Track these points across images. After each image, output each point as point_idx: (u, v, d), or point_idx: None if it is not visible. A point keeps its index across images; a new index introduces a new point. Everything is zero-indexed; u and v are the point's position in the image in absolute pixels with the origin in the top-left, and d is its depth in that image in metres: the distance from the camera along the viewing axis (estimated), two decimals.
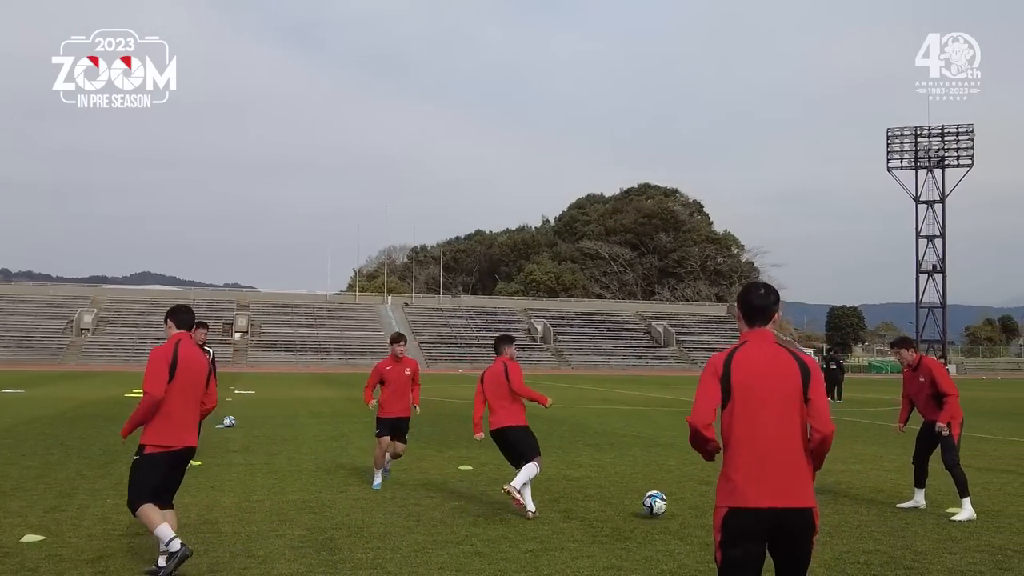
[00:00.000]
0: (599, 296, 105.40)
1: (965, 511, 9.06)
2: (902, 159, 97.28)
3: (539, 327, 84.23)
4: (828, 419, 4.12)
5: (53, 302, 79.78)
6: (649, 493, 9.03)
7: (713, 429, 4.12)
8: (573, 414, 22.93)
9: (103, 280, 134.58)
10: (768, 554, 4.15)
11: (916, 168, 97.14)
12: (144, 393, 6.42)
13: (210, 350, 12.61)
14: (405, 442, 11.14)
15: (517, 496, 8.54)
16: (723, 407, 4.10)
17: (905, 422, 10.55)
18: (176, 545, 6.20)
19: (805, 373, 4.10)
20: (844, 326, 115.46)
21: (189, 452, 6.70)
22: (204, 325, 12.53)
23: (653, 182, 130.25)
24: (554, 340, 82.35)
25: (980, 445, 16.50)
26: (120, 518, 8.44)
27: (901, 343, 10.33)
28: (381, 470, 10.77)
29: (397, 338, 11.21)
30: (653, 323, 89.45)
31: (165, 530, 6.27)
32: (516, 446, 8.95)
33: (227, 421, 18.17)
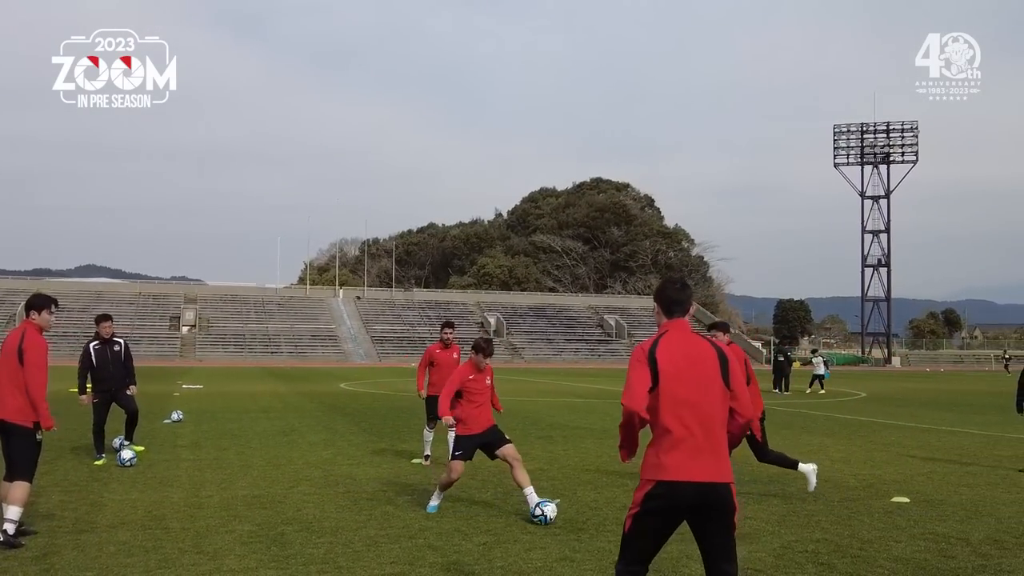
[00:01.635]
0: (552, 290, 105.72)
1: (809, 474, 9.73)
2: (848, 155, 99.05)
3: (492, 320, 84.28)
4: (750, 405, 4.51)
5: None
6: (537, 503, 8.24)
7: (646, 415, 4.29)
8: (525, 407, 22.99)
9: (47, 273, 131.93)
10: (696, 538, 4.41)
11: (862, 164, 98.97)
12: None
13: (121, 341, 12.42)
14: (510, 441, 9.08)
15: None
16: (651, 391, 4.31)
17: None
18: None
19: (723, 360, 4.39)
20: (791, 319, 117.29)
21: None
22: (108, 317, 12.45)
23: (605, 176, 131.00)
24: (507, 333, 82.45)
25: (924, 436, 16.87)
26: (65, 515, 8.27)
27: (717, 327, 10.00)
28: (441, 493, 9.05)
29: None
30: (605, 316, 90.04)
31: None
32: None
33: (175, 416, 17.90)
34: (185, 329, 76.38)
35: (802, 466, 9.83)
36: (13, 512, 7.16)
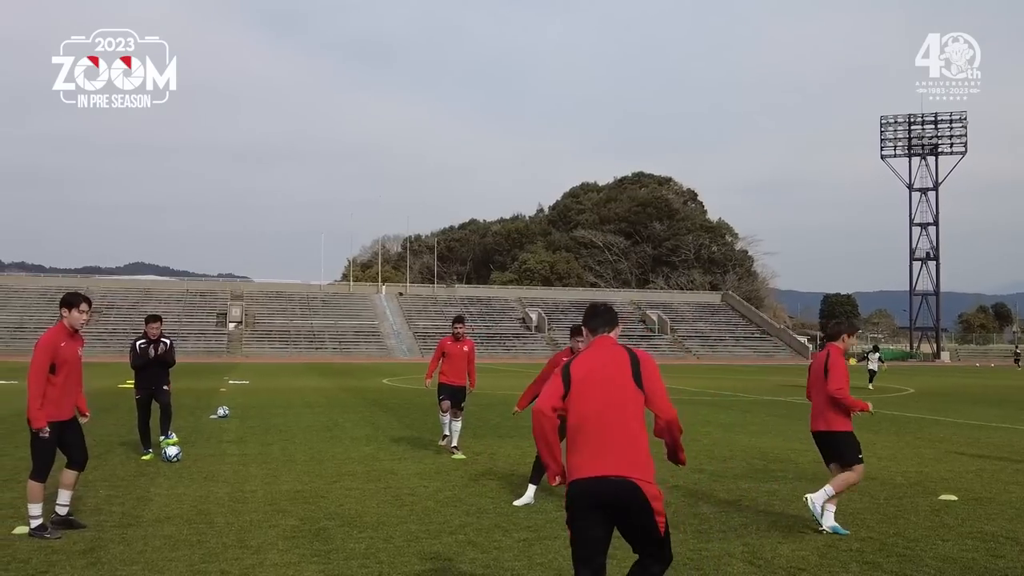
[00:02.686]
0: (593, 285, 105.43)
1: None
2: (896, 147, 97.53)
3: (533, 316, 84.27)
4: (668, 405, 4.65)
5: (47, 293, 79.47)
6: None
7: (555, 416, 4.56)
8: None
9: (96, 271, 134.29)
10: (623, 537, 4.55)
11: (910, 156, 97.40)
12: None
13: (167, 340, 12.61)
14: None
15: None
16: (564, 398, 4.58)
17: None
18: None
19: (635, 364, 4.62)
20: (838, 314, 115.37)
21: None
22: (157, 319, 12.64)
23: (647, 171, 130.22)
24: (548, 329, 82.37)
25: (973, 432, 16.56)
26: (112, 509, 8.42)
27: (577, 330, 10.00)
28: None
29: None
30: (648, 311, 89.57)
31: None
32: None
33: (221, 411, 18.14)
34: (232, 325, 77.38)
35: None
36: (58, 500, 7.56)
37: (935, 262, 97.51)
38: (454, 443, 12.74)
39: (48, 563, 6.47)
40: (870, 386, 32.79)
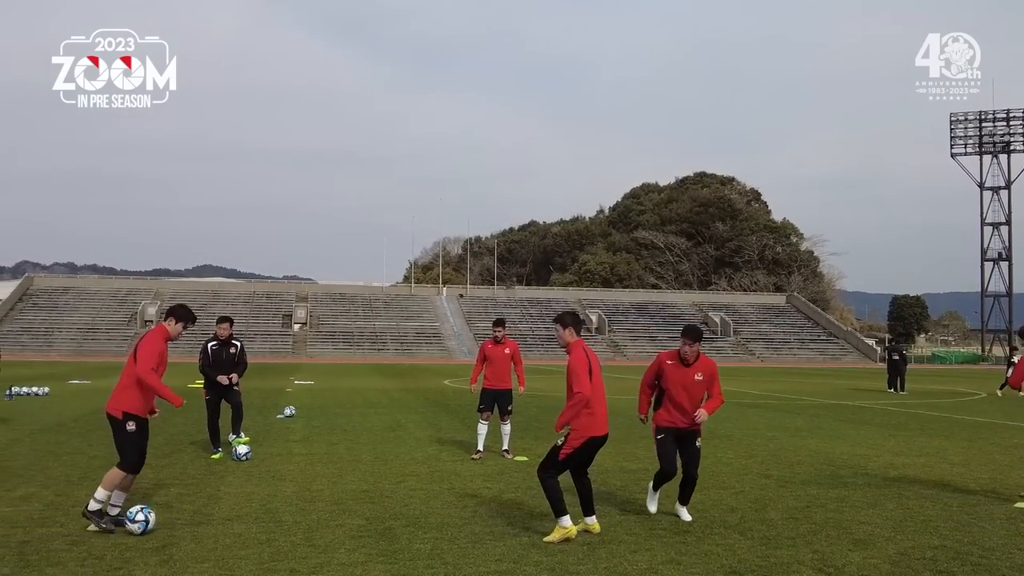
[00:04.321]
0: (654, 286, 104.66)
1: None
2: (966, 144, 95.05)
3: (594, 318, 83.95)
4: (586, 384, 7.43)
5: (118, 295, 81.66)
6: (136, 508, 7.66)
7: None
8: (630, 406, 22.80)
9: (165, 273, 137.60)
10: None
11: (981, 154, 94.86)
12: None
13: (238, 343, 12.83)
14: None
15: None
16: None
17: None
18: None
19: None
20: (907, 316, 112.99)
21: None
22: (228, 320, 12.88)
23: (709, 170, 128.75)
24: (609, 331, 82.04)
25: None
26: (183, 507, 8.60)
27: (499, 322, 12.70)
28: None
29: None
30: (710, 313, 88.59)
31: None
32: None
33: (287, 411, 18.43)
34: (297, 327, 78.52)
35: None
36: (100, 493, 7.69)
37: (1007, 262, 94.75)
38: (505, 446, 12.73)
39: (122, 560, 6.63)
40: (999, 392, 30.44)
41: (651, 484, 8.75)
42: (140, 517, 7.43)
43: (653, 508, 8.63)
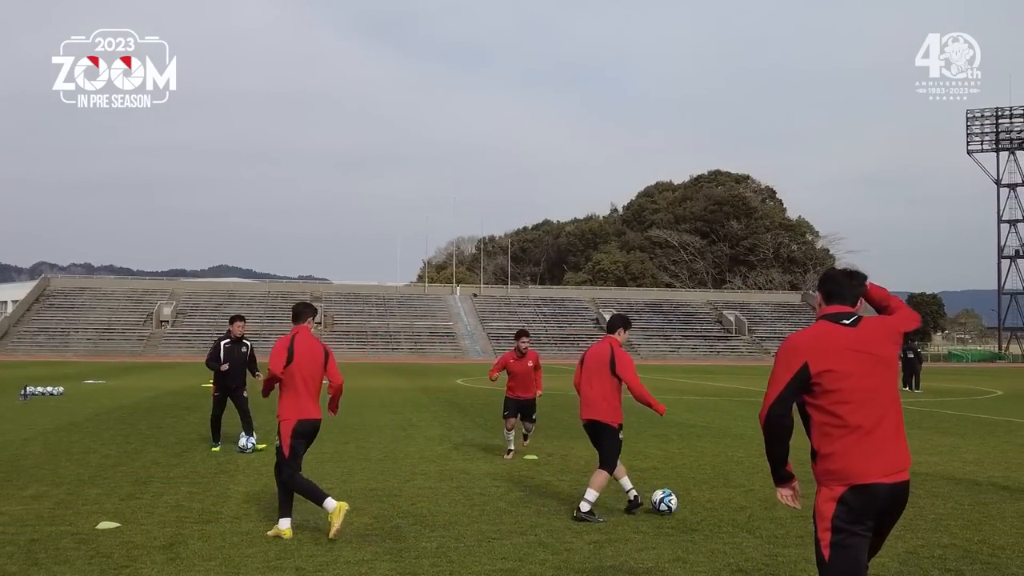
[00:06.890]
0: (668, 285, 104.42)
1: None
2: (982, 141, 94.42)
3: (607, 317, 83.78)
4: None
5: (134, 295, 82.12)
6: (660, 493, 8.61)
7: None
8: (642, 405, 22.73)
9: (181, 273, 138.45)
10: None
11: (997, 150, 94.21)
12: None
13: (248, 343, 12.97)
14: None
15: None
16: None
17: None
18: None
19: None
20: (923, 313, 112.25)
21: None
22: (241, 319, 13.02)
23: (724, 168, 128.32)
24: None
25: None
26: (193, 506, 8.63)
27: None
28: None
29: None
30: (724, 312, 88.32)
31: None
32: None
33: None
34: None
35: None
36: (590, 494, 8.17)
37: None
38: (525, 438, 13.06)
39: (129, 558, 6.65)
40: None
41: None
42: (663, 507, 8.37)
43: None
